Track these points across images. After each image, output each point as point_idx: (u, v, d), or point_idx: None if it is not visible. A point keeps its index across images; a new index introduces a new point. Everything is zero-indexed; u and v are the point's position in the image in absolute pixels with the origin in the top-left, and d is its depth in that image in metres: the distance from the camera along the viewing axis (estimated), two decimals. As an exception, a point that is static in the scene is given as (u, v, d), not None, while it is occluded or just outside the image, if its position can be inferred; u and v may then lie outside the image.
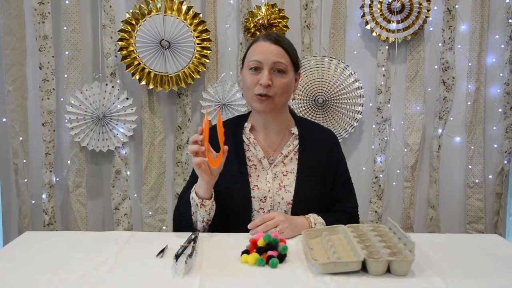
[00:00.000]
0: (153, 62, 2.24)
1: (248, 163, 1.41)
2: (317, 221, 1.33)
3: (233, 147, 1.40)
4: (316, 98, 2.35)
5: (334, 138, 1.48)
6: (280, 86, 1.33)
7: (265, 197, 1.36)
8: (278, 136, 1.43)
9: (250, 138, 1.42)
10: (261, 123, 1.43)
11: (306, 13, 2.35)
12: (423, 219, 2.51)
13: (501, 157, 2.42)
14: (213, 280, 0.95)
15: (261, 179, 1.38)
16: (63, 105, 2.30)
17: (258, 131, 1.44)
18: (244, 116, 1.50)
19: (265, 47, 1.34)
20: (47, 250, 1.12)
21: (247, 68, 1.36)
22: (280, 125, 1.43)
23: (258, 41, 1.37)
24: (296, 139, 1.43)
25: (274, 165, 1.40)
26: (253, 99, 1.35)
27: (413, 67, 2.40)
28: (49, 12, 2.20)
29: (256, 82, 1.32)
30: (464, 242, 1.22)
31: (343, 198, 1.45)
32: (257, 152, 1.41)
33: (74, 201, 2.36)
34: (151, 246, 1.12)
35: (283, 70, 1.33)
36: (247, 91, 1.36)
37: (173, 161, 2.44)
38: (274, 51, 1.33)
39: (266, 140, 1.43)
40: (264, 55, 1.32)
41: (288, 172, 1.39)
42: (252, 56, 1.35)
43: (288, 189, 1.37)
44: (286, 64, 1.34)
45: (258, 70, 1.34)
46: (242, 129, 1.45)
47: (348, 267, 0.97)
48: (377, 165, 2.44)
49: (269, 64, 1.32)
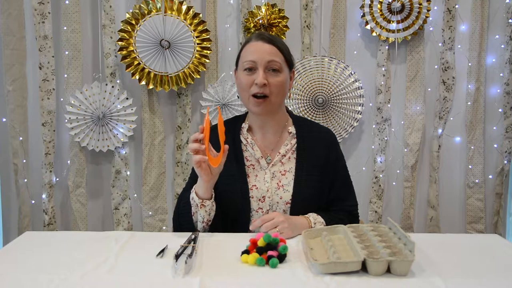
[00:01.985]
0: (153, 62, 2.24)
1: (246, 163, 1.41)
2: (317, 220, 1.34)
3: (231, 148, 1.39)
4: (316, 98, 2.35)
5: (332, 137, 1.48)
6: (275, 84, 1.33)
7: (263, 196, 1.36)
8: (276, 136, 1.43)
9: (248, 138, 1.43)
10: (258, 124, 1.43)
11: (306, 13, 2.35)
12: (423, 219, 2.51)
13: (501, 157, 2.42)
14: (213, 280, 0.95)
15: (259, 179, 1.39)
16: (63, 105, 2.30)
17: (255, 131, 1.44)
18: (241, 117, 1.50)
19: (258, 46, 1.34)
20: (47, 250, 1.12)
21: (241, 69, 1.36)
22: (277, 124, 1.43)
23: (251, 41, 1.37)
24: (293, 138, 1.43)
25: (272, 164, 1.40)
26: (249, 101, 1.34)
27: (413, 67, 2.40)
28: (49, 12, 2.20)
29: (251, 82, 1.32)
30: (464, 242, 1.22)
31: (343, 197, 1.45)
32: (254, 152, 1.41)
33: (74, 201, 2.36)
34: (151, 246, 1.12)
35: (277, 69, 1.33)
36: (243, 92, 1.36)
37: (173, 161, 2.44)
38: (268, 50, 1.33)
39: (264, 140, 1.43)
40: (258, 54, 1.32)
41: (286, 171, 1.39)
42: (246, 56, 1.35)
43: (287, 189, 1.37)
44: (280, 62, 1.34)
45: (252, 70, 1.33)
46: (239, 130, 1.45)
47: (348, 267, 0.97)
48: (377, 165, 2.44)
49: (264, 64, 1.32)
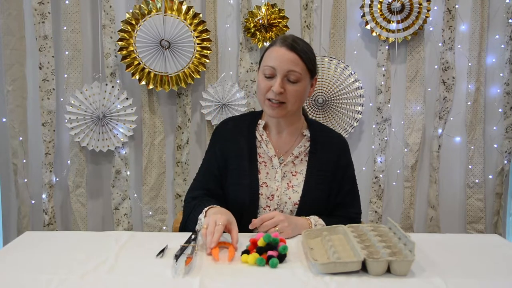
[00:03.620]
0: (153, 62, 2.24)
1: (259, 159, 1.41)
2: (318, 223, 1.33)
3: (246, 142, 1.40)
4: (316, 98, 2.35)
5: (344, 143, 1.48)
6: (293, 93, 1.31)
7: (272, 195, 1.37)
8: (291, 137, 1.43)
9: (263, 135, 1.43)
10: (274, 124, 1.43)
11: (306, 13, 2.35)
12: (423, 219, 2.51)
13: (501, 157, 2.42)
14: (213, 280, 0.95)
15: (270, 177, 1.39)
16: (63, 105, 2.30)
17: (271, 130, 1.44)
18: (259, 113, 1.49)
19: (281, 53, 1.31)
20: (47, 250, 1.12)
21: (261, 72, 1.35)
22: (293, 127, 1.43)
23: (275, 46, 1.34)
24: (307, 141, 1.43)
25: (284, 164, 1.40)
26: (265, 103, 1.34)
27: (413, 67, 2.40)
28: (49, 12, 2.20)
29: (269, 87, 1.32)
30: (464, 242, 1.22)
31: (348, 203, 1.45)
32: (268, 150, 1.41)
33: (74, 201, 2.36)
34: (151, 246, 1.12)
35: (295, 80, 1.31)
36: (260, 94, 1.35)
37: (173, 161, 2.44)
38: (289, 59, 1.30)
39: (279, 140, 1.43)
40: (278, 62, 1.30)
41: (297, 172, 1.40)
42: (267, 61, 1.33)
43: (296, 190, 1.37)
44: (300, 72, 1.31)
45: (271, 75, 1.32)
46: (256, 125, 1.44)
47: (348, 267, 0.97)
48: (377, 165, 2.44)
49: (283, 72, 1.30)
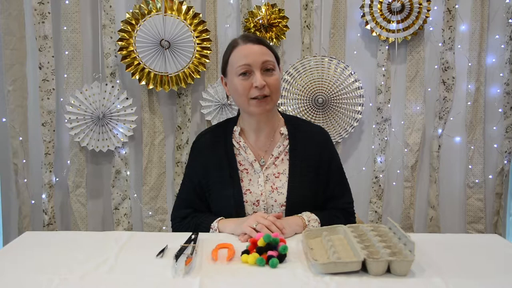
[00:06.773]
0: (153, 62, 2.24)
1: (240, 167, 1.39)
2: (311, 218, 1.32)
3: (224, 152, 1.38)
4: (316, 98, 2.35)
5: (324, 135, 1.45)
6: (273, 84, 1.32)
7: (258, 200, 1.35)
8: (268, 138, 1.41)
9: (241, 142, 1.40)
10: (253, 126, 1.40)
11: (306, 13, 2.35)
12: (423, 219, 2.51)
13: (501, 157, 2.42)
14: (213, 280, 0.95)
15: (253, 183, 1.37)
16: (63, 105, 2.30)
17: (248, 134, 1.42)
18: (233, 120, 1.47)
19: (250, 49, 1.31)
20: (47, 250, 1.12)
21: (235, 75, 1.32)
22: (272, 125, 1.41)
23: (239, 45, 1.33)
24: (285, 139, 1.41)
25: (266, 167, 1.38)
26: (250, 104, 1.32)
27: (413, 67, 2.40)
28: (49, 12, 2.20)
29: (249, 86, 1.30)
30: (464, 242, 1.22)
31: (338, 195, 1.43)
32: (248, 156, 1.39)
33: (74, 201, 2.36)
34: (151, 246, 1.12)
35: (272, 68, 1.32)
36: (240, 97, 1.32)
37: (173, 161, 2.44)
38: (260, 51, 1.31)
39: (257, 143, 1.41)
40: (251, 57, 1.30)
41: (280, 173, 1.38)
42: (238, 61, 1.31)
43: (281, 191, 1.36)
44: (273, 61, 1.33)
45: (248, 74, 1.31)
46: (231, 133, 1.42)
47: (348, 267, 0.97)
48: (377, 165, 2.44)
49: (259, 65, 1.30)
